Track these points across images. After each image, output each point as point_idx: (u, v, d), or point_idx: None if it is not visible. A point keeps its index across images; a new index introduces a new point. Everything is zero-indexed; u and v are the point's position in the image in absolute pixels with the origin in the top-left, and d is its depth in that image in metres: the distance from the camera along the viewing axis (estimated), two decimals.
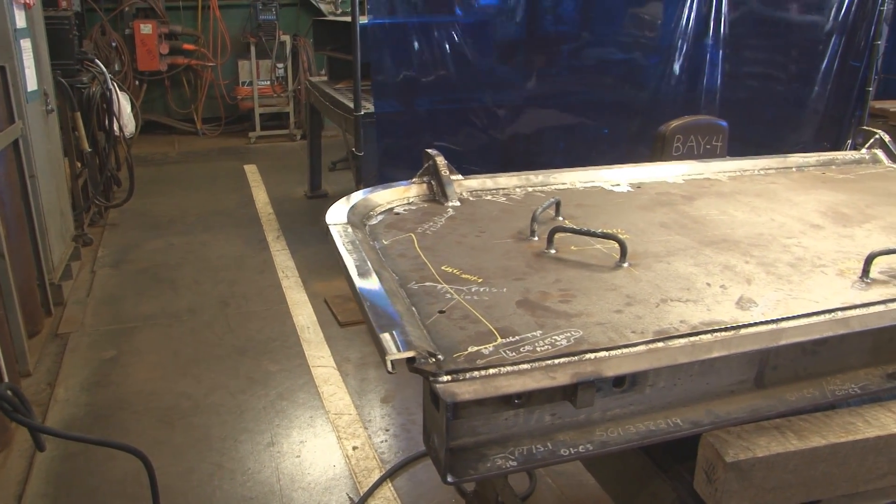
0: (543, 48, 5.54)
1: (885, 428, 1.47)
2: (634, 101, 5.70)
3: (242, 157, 9.05)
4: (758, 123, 5.84)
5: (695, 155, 3.44)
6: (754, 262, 1.74)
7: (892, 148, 2.77)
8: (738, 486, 1.37)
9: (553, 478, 3.14)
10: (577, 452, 1.33)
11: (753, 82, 5.91)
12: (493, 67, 5.39)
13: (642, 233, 1.90)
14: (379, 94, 4.75)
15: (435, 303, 1.49)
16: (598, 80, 5.71)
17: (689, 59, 5.60)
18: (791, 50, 5.98)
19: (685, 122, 3.46)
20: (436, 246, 1.80)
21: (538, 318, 1.42)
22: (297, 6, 10.23)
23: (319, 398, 3.79)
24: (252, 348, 4.32)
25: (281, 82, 9.77)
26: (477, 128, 5.35)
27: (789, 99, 6.05)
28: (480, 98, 5.30)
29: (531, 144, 5.61)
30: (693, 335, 1.36)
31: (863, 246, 1.82)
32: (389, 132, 4.80)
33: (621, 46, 5.71)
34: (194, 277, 5.38)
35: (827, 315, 1.48)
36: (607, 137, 5.74)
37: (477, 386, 1.22)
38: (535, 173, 2.27)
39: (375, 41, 4.61)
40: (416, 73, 4.90)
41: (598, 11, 5.59)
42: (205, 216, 6.77)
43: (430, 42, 4.92)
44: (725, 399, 1.48)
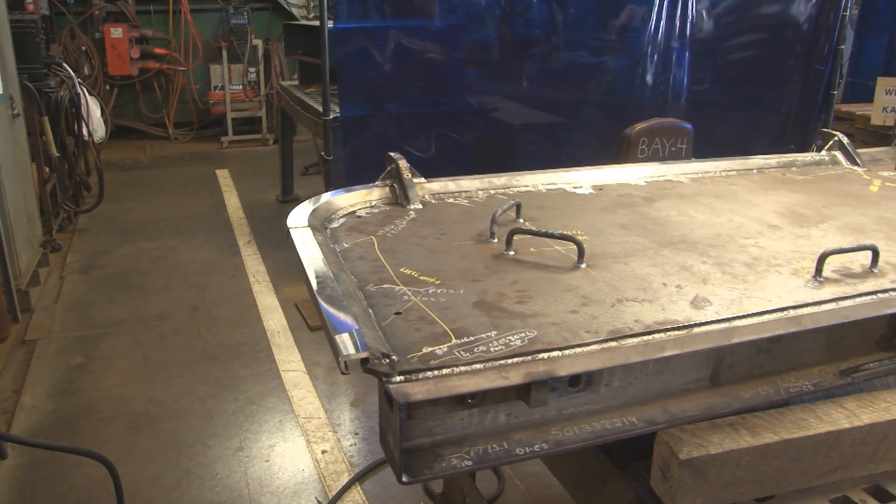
0: (515, 52, 5.57)
1: (836, 423, 1.50)
2: (604, 103, 5.75)
3: (214, 161, 9.00)
4: (725, 126, 5.90)
5: (660, 157, 3.46)
6: (711, 262, 1.76)
7: (851, 150, 2.81)
8: (692, 482, 1.38)
9: (521, 479, 3.15)
10: (533, 452, 1.34)
11: (720, 85, 5.98)
12: (463, 71, 5.42)
13: (602, 234, 1.91)
14: (346, 99, 4.75)
15: (392, 304, 1.50)
16: (569, 84, 5.74)
17: (658, 63, 5.65)
18: (757, 54, 6.05)
19: (650, 124, 3.49)
20: (396, 248, 1.80)
21: (494, 319, 1.43)
22: (270, 10, 10.21)
23: (289, 402, 3.78)
24: (222, 353, 4.30)
25: (253, 87, 9.73)
26: (448, 131, 5.36)
27: (756, 102, 6.12)
28: (451, 102, 5.32)
29: (503, 147, 5.62)
30: (646, 334, 1.37)
31: (818, 245, 1.84)
32: (357, 136, 4.80)
33: (592, 50, 5.75)
34: (164, 283, 5.35)
35: (779, 313, 1.50)
36: (578, 140, 5.77)
37: (430, 386, 1.22)
38: (497, 176, 2.28)
39: (343, 45, 4.60)
40: (385, 78, 4.91)
41: (569, 15, 5.62)
42: (176, 221, 6.72)
43: (399, 46, 4.93)
44: (681, 397, 1.50)
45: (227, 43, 9.39)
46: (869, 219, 2.16)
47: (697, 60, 5.78)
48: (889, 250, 1.90)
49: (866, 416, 1.53)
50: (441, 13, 5.23)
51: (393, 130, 5.10)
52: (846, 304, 1.57)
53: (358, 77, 4.78)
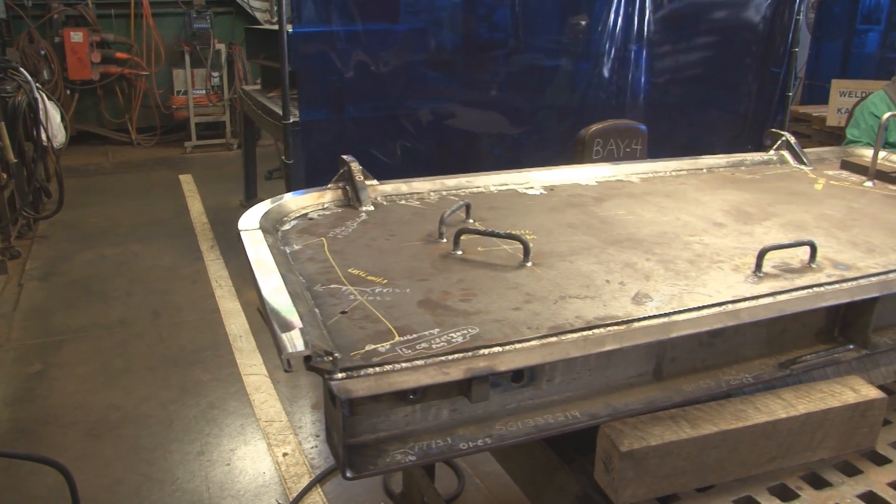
0: (478, 55, 5.60)
1: (773, 414, 1.54)
2: (567, 105, 5.80)
3: (178, 166, 8.95)
4: (683, 127, 5.99)
5: (614, 158, 3.51)
6: (655, 259, 1.79)
7: (798, 150, 2.87)
8: (633, 474, 1.41)
9: (481, 478, 3.18)
10: (476, 446, 1.37)
11: (678, 87, 6.06)
12: (425, 75, 5.43)
13: (549, 233, 1.94)
14: (306, 103, 4.75)
15: (338, 304, 1.52)
16: (530, 87, 5.78)
17: (617, 65, 5.72)
18: (714, 56, 6.14)
19: (604, 126, 3.53)
20: (345, 249, 1.82)
21: (437, 317, 1.45)
22: (233, 14, 10.17)
23: (251, 406, 3.77)
24: (184, 358, 4.29)
25: (216, 91, 9.69)
26: (409, 135, 5.38)
27: (713, 103, 6.22)
28: (412, 105, 5.33)
29: (466, 150, 5.66)
30: (586, 330, 1.40)
31: (760, 242, 1.88)
32: (318, 140, 4.80)
33: (554, 53, 5.81)
34: (126, 289, 5.32)
35: (717, 308, 1.54)
36: (541, 142, 5.82)
37: (371, 382, 1.24)
38: (449, 178, 2.31)
39: (302, 49, 4.61)
40: (345, 82, 4.91)
41: (531, 19, 5.67)
42: (138, 227, 6.68)
43: (360, 50, 4.93)
44: (624, 392, 1.54)
45: (189, 47, 9.34)
46: (811, 216, 2.22)
47: (656, 63, 5.86)
48: (828, 246, 1.95)
49: (802, 406, 1.57)
50: (402, 17, 5.25)
51: (354, 134, 5.10)
52: (783, 298, 1.61)
53: (318, 81, 4.79)
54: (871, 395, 1.64)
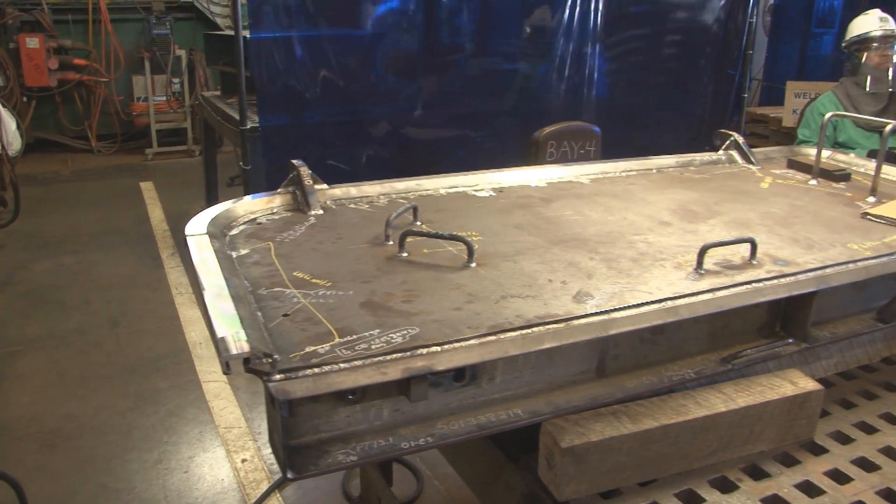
0: (440, 59, 5.62)
1: (713, 408, 1.57)
2: (528, 108, 5.84)
3: (139, 174, 8.87)
4: (640, 129, 6.06)
5: (568, 160, 3.54)
6: (598, 258, 1.82)
7: (746, 149, 2.92)
8: (574, 470, 1.43)
9: (440, 480, 3.19)
10: (418, 445, 1.38)
11: (636, 90, 6.14)
12: (387, 79, 5.44)
13: (496, 234, 1.96)
14: (265, 108, 4.74)
15: (281, 307, 1.52)
16: (492, 90, 5.82)
17: (576, 68, 5.77)
18: (671, 59, 6.23)
19: (558, 128, 3.56)
20: (292, 253, 1.82)
21: (379, 318, 1.46)
22: (194, 20, 10.10)
23: (210, 413, 3.75)
24: (142, 366, 4.25)
25: (177, 98, 9.62)
26: (371, 139, 5.38)
27: (670, 105, 6.29)
28: (374, 110, 5.34)
29: (428, 155, 5.67)
30: (525, 328, 1.42)
31: (704, 240, 1.91)
32: (277, 146, 4.79)
33: (514, 57, 5.84)
34: (84, 297, 5.26)
35: (657, 305, 1.56)
36: (503, 145, 5.84)
37: (309, 384, 1.25)
38: (399, 181, 2.32)
39: (260, 55, 4.60)
40: (305, 87, 4.90)
41: (492, 23, 5.70)
42: (97, 235, 6.61)
43: (319, 55, 4.93)
44: (567, 389, 1.56)
45: (149, 53, 9.27)
46: (755, 214, 2.26)
47: (614, 66, 5.93)
48: (769, 243, 1.99)
49: (742, 400, 1.60)
50: (362, 22, 5.25)
51: (314, 139, 5.10)
52: (721, 295, 1.64)
53: (276, 87, 4.77)
54: (809, 388, 1.67)
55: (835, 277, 1.81)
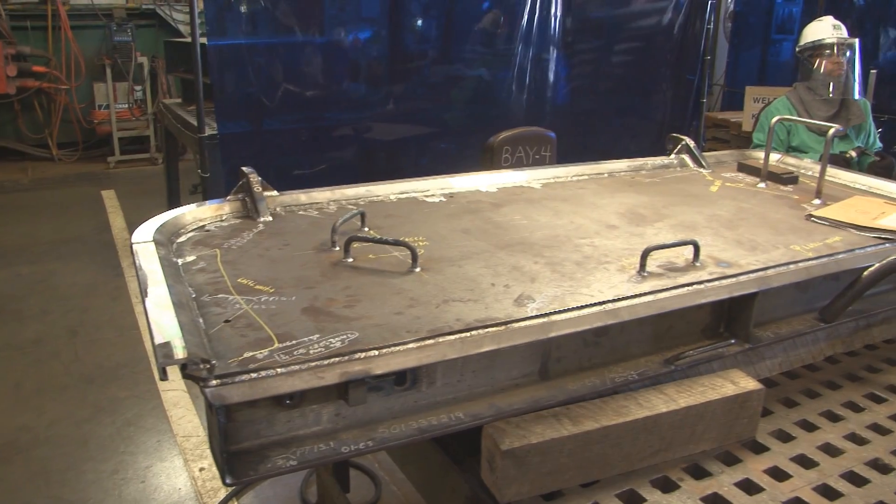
0: (403, 66, 5.63)
1: (654, 409, 1.58)
2: (491, 115, 5.86)
3: (101, 182, 8.78)
4: (601, 134, 6.11)
5: (523, 165, 3.57)
6: (543, 261, 1.83)
7: (697, 153, 2.96)
8: (515, 472, 1.44)
9: (398, 485, 3.19)
10: (358, 449, 1.38)
11: (596, 95, 6.19)
12: (349, 86, 5.44)
13: (443, 239, 1.97)
14: (223, 116, 4.71)
15: (223, 313, 1.52)
16: (456, 96, 5.84)
17: (538, 74, 5.81)
18: (631, 64, 6.29)
19: (513, 133, 3.59)
20: (238, 260, 1.82)
21: (319, 323, 1.46)
22: (156, 27, 10.04)
23: (168, 422, 3.72)
24: (100, 376, 4.21)
25: (140, 105, 9.54)
26: (334, 146, 5.38)
27: (630, 110, 6.36)
28: (336, 117, 5.33)
29: (392, 161, 5.68)
30: (464, 332, 1.43)
31: (649, 243, 1.93)
32: (236, 153, 4.77)
33: (477, 63, 5.87)
34: (42, 307, 5.19)
35: (597, 307, 1.58)
36: (466, 152, 5.86)
37: (246, 389, 1.25)
38: (349, 187, 2.32)
39: (218, 62, 4.58)
40: (264, 94, 4.88)
41: (456, 30, 5.72)
42: (56, 244, 6.53)
43: (278, 62, 4.93)
44: (510, 392, 1.56)
45: (110, 60, 9.19)
46: (702, 216, 2.29)
47: (575, 71, 5.98)
48: (714, 245, 2.02)
49: (683, 400, 1.62)
50: (323, 29, 5.25)
51: (275, 146, 5.08)
52: (662, 297, 1.66)
53: (235, 94, 4.76)
54: (750, 387, 1.70)
55: (776, 278, 1.84)
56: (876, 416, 1.87)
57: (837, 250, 2.04)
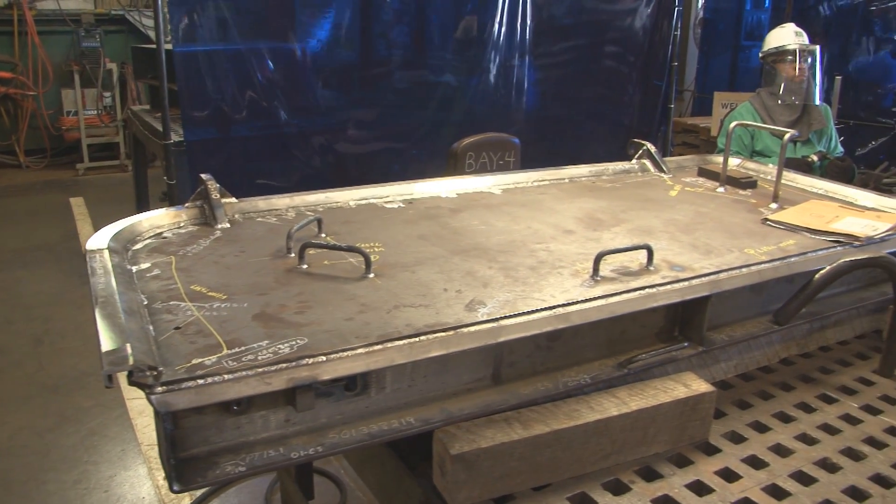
0: (374, 72, 5.63)
1: (605, 412, 1.60)
2: (459, 121, 5.87)
3: (69, 189, 8.70)
4: (570, 139, 6.15)
5: (487, 171, 3.58)
6: (497, 267, 1.84)
7: (658, 158, 2.99)
8: (465, 476, 1.45)
9: (363, 490, 3.18)
10: (308, 455, 1.38)
11: (565, 101, 6.22)
12: (319, 92, 5.43)
13: (399, 245, 1.98)
14: (190, 122, 4.69)
15: (174, 320, 1.51)
16: (427, 103, 5.85)
17: (507, 80, 5.84)
18: (599, 70, 6.34)
19: (477, 139, 3.60)
20: (192, 267, 1.82)
21: (269, 329, 1.46)
22: (125, 32, 9.96)
23: (133, 430, 3.70)
24: (65, 385, 4.17)
25: (109, 112, 9.47)
26: (303, 153, 5.36)
27: (598, 116, 6.41)
28: (306, 123, 5.32)
29: (363, 168, 5.67)
30: (413, 337, 1.43)
31: (604, 247, 1.94)
32: (204, 160, 4.75)
33: (447, 69, 5.88)
34: (6, 316, 5.14)
35: (547, 312, 1.59)
36: (438, 158, 5.85)
37: (192, 395, 1.25)
38: (309, 193, 2.32)
39: (184, 68, 4.56)
40: (231, 100, 4.86)
41: (427, 36, 5.74)
42: (23, 252, 6.47)
43: (247, 69, 4.91)
44: (462, 397, 1.57)
45: (79, 66, 9.12)
46: (660, 221, 2.31)
47: (543, 77, 6.01)
48: (669, 249, 2.04)
49: (635, 403, 1.64)
50: (293, 35, 5.24)
51: (242, 153, 5.06)
52: (613, 301, 1.67)
53: (202, 100, 4.73)
54: (702, 390, 1.72)
55: (727, 282, 1.86)
56: (826, 416, 1.90)
57: (790, 253, 2.06)
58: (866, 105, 9.27)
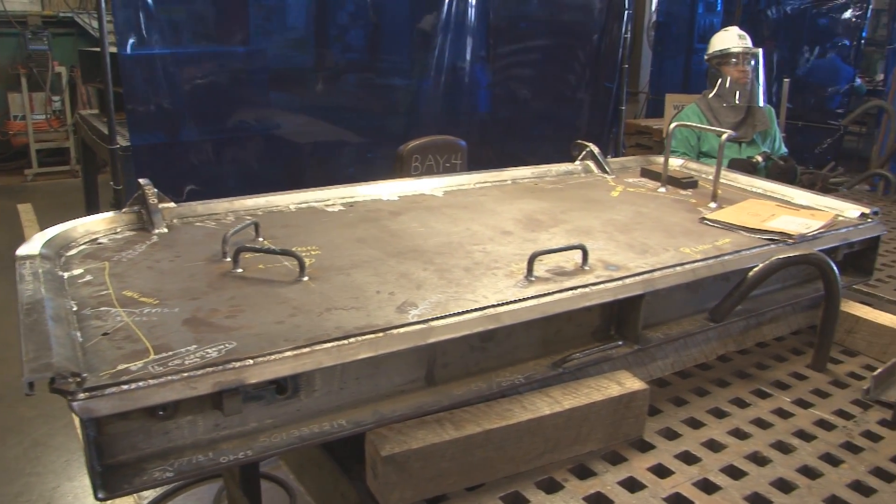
0: (328, 75, 5.62)
1: (538, 411, 1.61)
2: (413, 123, 5.88)
3: (17, 196, 8.54)
4: (521, 141, 6.19)
5: (433, 174, 3.59)
6: (432, 268, 1.85)
7: (601, 159, 3.02)
8: (397, 478, 1.45)
9: None
10: (237, 459, 1.38)
11: (518, 103, 6.26)
12: (268, 96, 5.40)
13: (336, 248, 1.97)
14: (136, 127, 4.63)
15: (103, 326, 1.50)
16: (382, 106, 5.85)
17: (460, 83, 5.86)
18: (551, 73, 6.39)
19: (422, 142, 3.61)
20: (126, 272, 1.80)
21: (199, 334, 1.45)
22: (75, 35, 9.81)
23: (78, 440, 3.64)
24: (9, 395, 4.10)
25: (58, 116, 9.32)
26: (255, 157, 5.33)
27: (551, 118, 6.46)
28: (257, 127, 5.29)
29: (318, 172, 5.65)
30: (341, 339, 1.44)
31: (541, 248, 1.96)
32: (152, 165, 4.69)
33: (402, 72, 5.90)
34: None
35: (478, 312, 1.60)
36: (391, 161, 5.86)
37: (115, 401, 1.24)
38: (249, 197, 2.31)
39: (130, 72, 4.51)
40: (180, 104, 4.82)
41: (382, 39, 5.74)
42: None
43: (195, 72, 4.87)
44: (395, 398, 1.58)
45: (26, 70, 8.96)
46: (599, 221, 2.33)
47: (496, 79, 6.05)
48: (605, 249, 2.06)
49: (568, 402, 1.65)
50: (243, 38, 5.21)
51: (192, 158, 5.01)
52: (545, 300, 1.69)
53: (149, 104, 4.68)
54: (635, 387, 1.74)
55: (661, 280, 1.89)
56: (760, 411, 1.93)
57: (725, 252, 2.10)
58: (815, 107, 9.47)
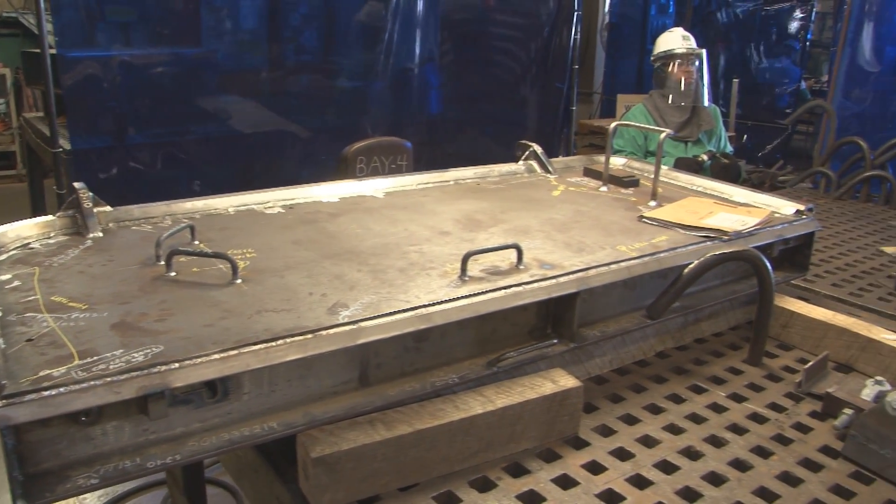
0: (279, 77, 5.59)
1: (470, 411, 1.62)
2: (365, 124, 5.88)
3: None
4: (471, 142, 6.22)
5: (379, 175, 3.59)
6: (367, 269, 1.86)
7: (544, 159, 3.05)
8: (328, 479, 1.46)
9: None
10: (164, 464, 1.37)
11: (467, 104, 6.30)
12: (216, 97, 5.36)
13: (272, 250, 1.97)
14: (77, 130, 4.56)
15: (27, 332, 1.48)
16: (332, 107, 5.83)
17: (409, 84, 5.87)
18: (502, 75, 6.44)
19: (367, 143, 3.60)
20: (56, 277, 1.78)
21: (126, 338, 1.44)
22: (21, 37, 9.63)
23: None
24: None
25: (3, 119, 9.15)
26: (204, 161, 5.29)
27: (502, 119, 6.50)
28: (206, 130, 5.24)
29: (269, 175, 5.62)
30: (270, 341, 1.43)
31: (478, 248, 1.97)
32: (95, 168, 4.63)
33: (354, 74, 5.89)
34: None
35: (409, 312, 1.61)
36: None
37: (35, 408, 1.22)
38: (187, 201, 2.29)
39: (73, 74, 4.44)
40: (124, 107, 4.76)
41: (334, 41, 5.73)
42: None
43: (140, 74, 4.82)
44: (327, 400, 1.58)
45: None
46: (538, 220, 2.35)
47: (447, 80, 6.07)
48: (542, 248, 2.08)
49: (500, 401, 1.67)
50: (190, 39, 5.16)
51: (137, 162, 4.95)
52: (477, 300, 1.70)
53: (92, 107, 4.62)
54: (569, 385, 1.76)
55: (595, 278, 1.91)
56: (695, 406, 1.97)
57: (661, 249, 2.13)
58: (764, 107, 9.65)
